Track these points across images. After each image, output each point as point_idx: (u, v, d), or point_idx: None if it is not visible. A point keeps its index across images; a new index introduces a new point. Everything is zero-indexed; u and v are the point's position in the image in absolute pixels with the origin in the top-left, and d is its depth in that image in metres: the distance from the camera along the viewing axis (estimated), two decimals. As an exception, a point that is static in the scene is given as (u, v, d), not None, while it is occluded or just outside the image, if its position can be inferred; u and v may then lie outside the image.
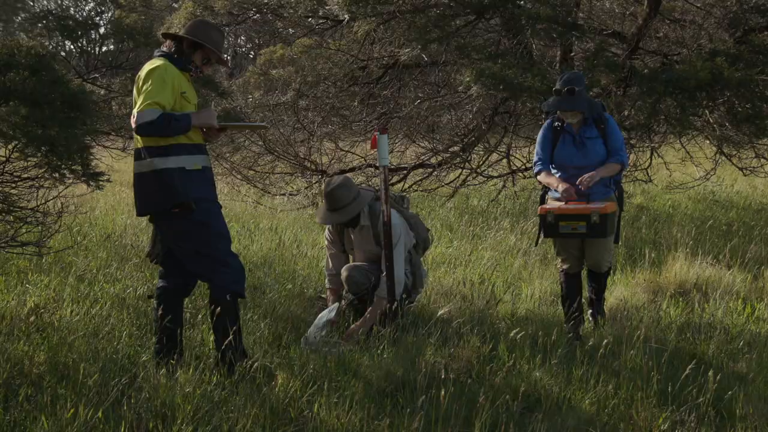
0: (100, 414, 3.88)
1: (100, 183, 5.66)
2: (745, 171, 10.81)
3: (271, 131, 10.68)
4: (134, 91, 4.60)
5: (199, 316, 5.49)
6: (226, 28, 14.33)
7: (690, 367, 4.29)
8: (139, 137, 4.54)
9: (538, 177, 5.73)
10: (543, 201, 5.79)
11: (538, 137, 5.78)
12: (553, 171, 5.67)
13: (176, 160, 4.49)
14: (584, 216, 5.34)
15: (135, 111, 4.43)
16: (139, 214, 4.71)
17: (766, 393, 4.60)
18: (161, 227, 4.69)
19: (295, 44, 13.15)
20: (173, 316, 4.68)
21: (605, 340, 4.66)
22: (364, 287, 5.69)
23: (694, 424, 4.12)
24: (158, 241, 4.77)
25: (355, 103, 11.23)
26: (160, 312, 4.66)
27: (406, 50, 9.66)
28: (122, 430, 3.84)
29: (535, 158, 5.78)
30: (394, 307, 5.32)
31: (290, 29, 13.99)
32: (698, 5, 10.06)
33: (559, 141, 5.64)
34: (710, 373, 4.18)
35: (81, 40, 8.30)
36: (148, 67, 4.54)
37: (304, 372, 4.51)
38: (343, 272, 5.77)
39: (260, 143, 10.72)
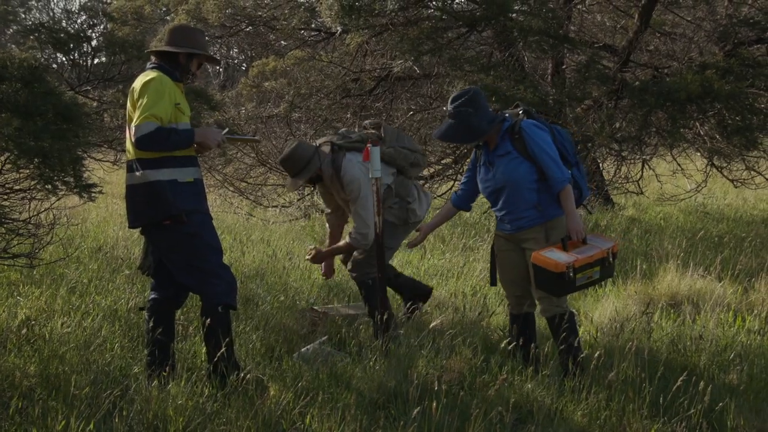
0: (91, 426, 3.87)
1: (92, 195, 5.66)
2: (735, 183, 10.87)
3: (263, 143, 10.69)
4: (128, 104, 4.57)
5: (191, 328, 5.48)
6: (219, 40, 14.38)
7: (681, 378, 4.29)
8: (130, 149, 4.54)
9: None
10: None
11: None
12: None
13: (169, 173, 4.48)
14: (601, 260, 4.70)
15: (133, 125, 4.40)
16: (131, 226, 4.70)
17: (757, 404, 4.62)
18: (153, 239, 4.68)
19: (288, 56, 13.17)
20: (165, 328, 4.67)
21: (597, 352, 4.67)
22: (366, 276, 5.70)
23: (686, 435, 4.14)
24: (150, 253, 4.76)
25: (348, 115, 11.26)
26: (151, 324, 4.65)
27: (399, 62, 9.70)
28: (114, 442, 3.84)
29: None
30: (385, 318, 5.31)
31: (283, 41, 14.04)
32: (688, 19, 10.15)
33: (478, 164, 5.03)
34: (702, 384, 4.19)
35: (73, 53, 8.28)
36: (142, 79, 4.53)
37: (296, 384, 4.50)
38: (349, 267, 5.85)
39: (252, 155, 10.74)
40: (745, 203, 12.99)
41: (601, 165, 11.83)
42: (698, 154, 10.83)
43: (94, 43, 8.51)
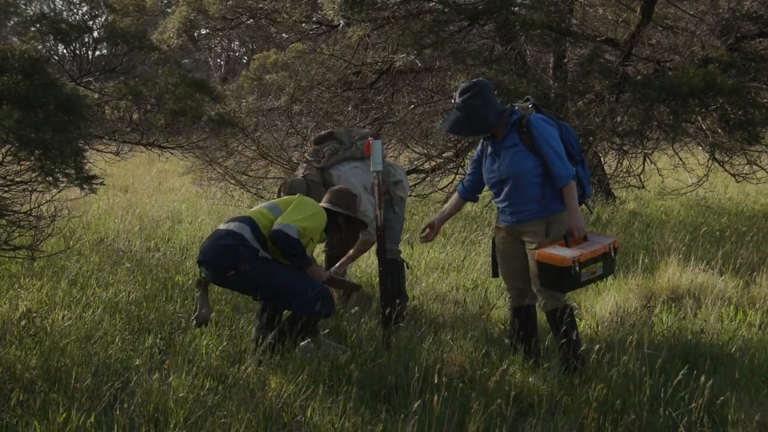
0: (92, 419, 3.88)
1: (94, 187, 5.66)
2: (737, 177, 10.86)
3: (264, 136, 10.66)
4: (284, 194, 5.62)
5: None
6: (219, 33, 14.34)
7: (682, 372, 4.29)
8: (267, 214, 5.10)
9: None
10: None
11: None
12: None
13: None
14: (603, 255, 4.71)
15: (286, 221, 4.94)
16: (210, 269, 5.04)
17: (758, 398, 4.62)
18: (228, 286, 5.20)
19: (289, 49, 13.13)
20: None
21: (598, 345, 4.67)
22: None
23: (687, 429, 4.13)
24: (204, 304, 4.96)
25: (349, 108, 11.24)
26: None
27: (401, 56, 9.68)
28: (115, 434, 3.84)
29: None
30: (387, 312, 5.30)
31: (284, 34, 14.00)
32: (691, 13, 10.12)
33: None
34: (702, 378, 4.19)
35: (74, 44, 8.26)
36: (315, 202, 5.25)
37: (297, 376, 4.50)
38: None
39: (254, 148, 10.71)
40: (747, 197, 12.98)
41: (602, 159, 11.82)
42: (700, 148, 10.82)
43: (95, 34, 8.50)
